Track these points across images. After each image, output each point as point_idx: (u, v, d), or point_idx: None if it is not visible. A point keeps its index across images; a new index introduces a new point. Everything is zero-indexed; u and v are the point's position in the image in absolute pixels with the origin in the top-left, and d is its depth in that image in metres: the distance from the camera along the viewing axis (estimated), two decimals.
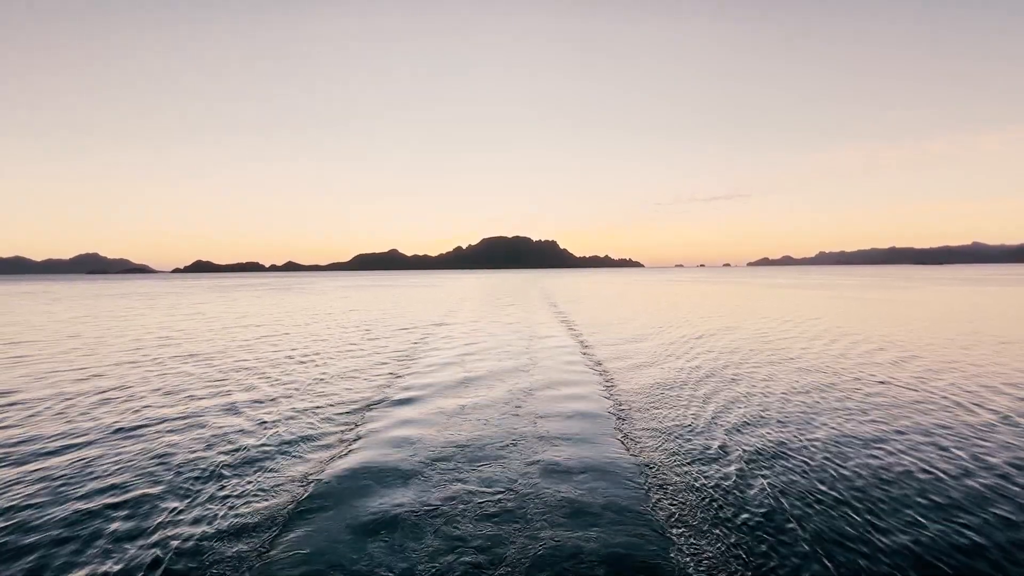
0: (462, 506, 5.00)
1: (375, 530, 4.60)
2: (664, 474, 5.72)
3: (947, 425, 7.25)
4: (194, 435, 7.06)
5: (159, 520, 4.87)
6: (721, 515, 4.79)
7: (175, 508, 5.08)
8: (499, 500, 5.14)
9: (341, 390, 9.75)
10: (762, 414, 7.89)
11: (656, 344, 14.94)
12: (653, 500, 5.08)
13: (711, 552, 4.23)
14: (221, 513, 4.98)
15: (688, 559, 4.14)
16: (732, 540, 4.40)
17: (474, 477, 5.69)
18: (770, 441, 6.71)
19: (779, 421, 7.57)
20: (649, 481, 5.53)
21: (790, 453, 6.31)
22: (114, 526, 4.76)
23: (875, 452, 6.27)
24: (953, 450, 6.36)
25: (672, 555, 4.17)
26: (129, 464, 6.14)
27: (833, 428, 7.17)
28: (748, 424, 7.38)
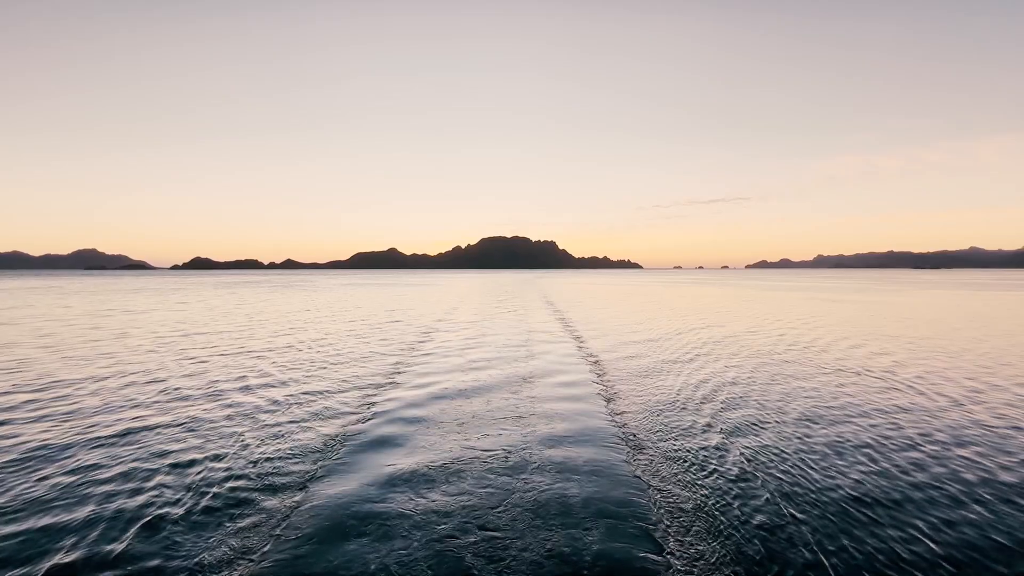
0: (460, 503, 5.03)
1: (375, 519, 4.71)
2: (662, 472, 5.78)
3: (946, 424, 7.42)
4: (208, 432, 7.18)
5: (181, 496, 5.18)
6: (718, 515, 4.81)
7: (190, 490, 5.33)
8: (499, 495, 5.19)
9: (349, 384, 10.06)
10: (760, 413, 8.02)
11: (652, 344, 15.16)
12: (650, 498, 5.12)
13: (707, 552, 4.23)
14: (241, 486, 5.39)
15: (685, 559, 4.14)
16: (729, 540, 4.41)
17: (474, 473, 5.73)
18: (767, 440, 6.82)
19: (777, 420, 7.71)
20: (647, 479, 5.61)
21: (787, 450, 6.41)
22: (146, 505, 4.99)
23: (875, 452, 6.36)
24: (945, 443, 6.64)
25: (669, 554, 4.18)
26: (155, 453, 6.36)
27: (833, 429, 7.26)
28: (746, 424, 7.49)
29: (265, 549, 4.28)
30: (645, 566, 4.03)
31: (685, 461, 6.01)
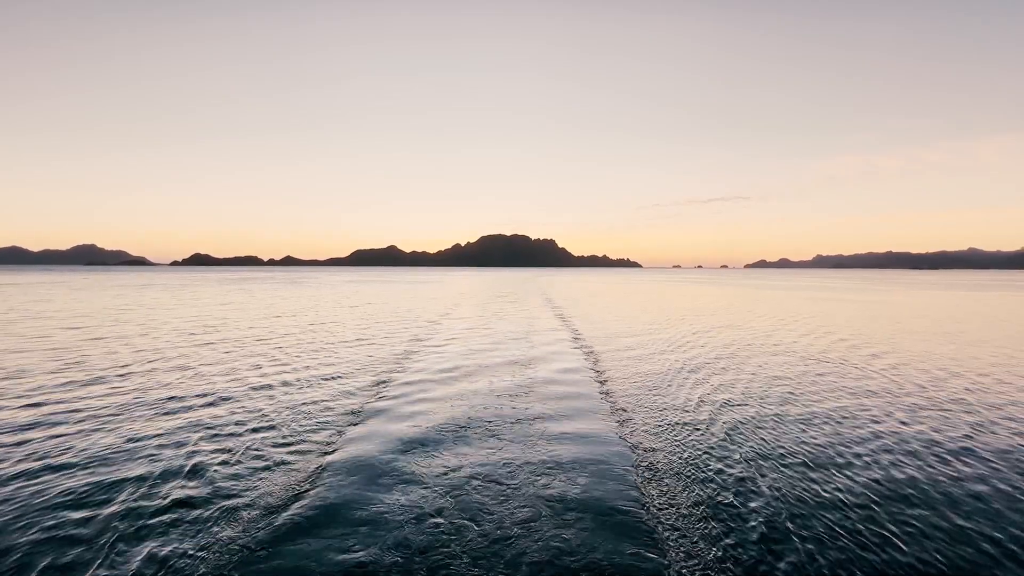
0: (457, 498, 5.11)
1: (376, 513, 4.82)
2: (660, 471, 5.80)
3: (944, 428, 7.42)
4: (218, 430, 7.24)
5: (200, 472, 5.70)
6: (717, 515, 4.80)
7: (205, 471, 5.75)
8: (495, 490, 5.26)
9: (362, 378, 10.47)
10: (759, 412, 8.07)
11: (651, 342, 15.47)
12: (648, 498, 5.15)
13: (704, 552, 4.23)
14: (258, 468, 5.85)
15: (683, 558, 4.15)
16: (726, 539, 4.41)
17: (471, 466, 5.87)
18: (767, 439, 6.81)
19: (777, 419, 7.76)
20: (644, 478, 5.61)
21: (788, 451, 6.40)
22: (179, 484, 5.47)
23: (875, 454, 6.36)
24: (939, 444, 6.70)
25: (665, 555, 4.18)
26: (181, 435, 6.93)
27: (832, 428, 7.30)
28: (746, 424, 7.50)
29: (264, 539, 4.39)
30: (643, 564, 4.05)
31: (687, 467, 5.91)
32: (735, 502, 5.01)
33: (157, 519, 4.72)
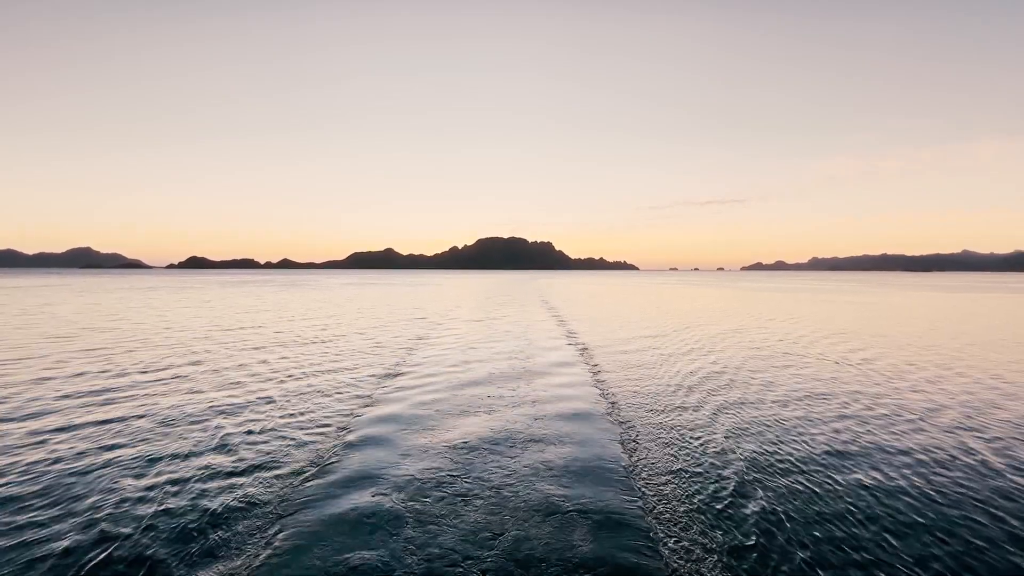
0: (454, 499, 5.17)
1: (368, 516, 4.88)
2: (659, 472, 5.85)
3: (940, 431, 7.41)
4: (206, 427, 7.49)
5: (208, 464, 6.05)
6: (715, 515, 4.85)
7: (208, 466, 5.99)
8: (495, 493, 5.30)
9: (366, 377, 10.90)
10: (758, 415, 8.11)
11: (649, 346, 15.45)
12: (647, 498, 5.18)
13: (703, 552, 4.26)
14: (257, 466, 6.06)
15: (679, 560, 4.17)
16: (725, 540, 4.44)
17: (468, 467, 5.96)
18: (763, 441, 6.86)
19: (774, 418, 7.82)
20: (643, 479, 5.64)
21: (783, 452, 6.45)
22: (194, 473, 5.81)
23: (875, 454, 6.39)
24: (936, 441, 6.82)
25: (663, 558, 4.20)
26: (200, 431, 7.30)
27: (831, 431, 7.29)
28: (746, 427, 7.52)
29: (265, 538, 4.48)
30: (642, 564, 4.09)
31: (686, 468, 5.95)
32: (735, 503, 5.03)
33: (176, 513, 4.85)
